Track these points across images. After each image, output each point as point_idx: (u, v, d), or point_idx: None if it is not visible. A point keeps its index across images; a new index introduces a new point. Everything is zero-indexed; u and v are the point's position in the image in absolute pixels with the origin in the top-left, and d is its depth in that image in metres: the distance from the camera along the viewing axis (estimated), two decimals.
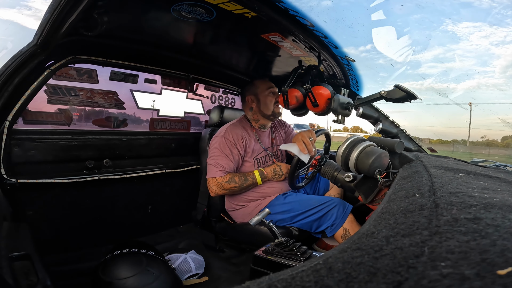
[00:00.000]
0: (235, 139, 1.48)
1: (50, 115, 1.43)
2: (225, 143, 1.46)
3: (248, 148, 1.52)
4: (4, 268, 0.65)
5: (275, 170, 1.50)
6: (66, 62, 1.28)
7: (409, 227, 0.33)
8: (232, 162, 1.45)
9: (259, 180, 1.46)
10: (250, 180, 1.45)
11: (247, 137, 1.53)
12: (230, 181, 1.41)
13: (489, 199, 0.40)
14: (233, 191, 1.45)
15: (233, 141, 1.47)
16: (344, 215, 1.34)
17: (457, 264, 0.23)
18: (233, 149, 1.46)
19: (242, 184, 1.43)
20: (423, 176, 0.61)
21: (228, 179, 1.42)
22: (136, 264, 1.12)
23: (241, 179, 1.43)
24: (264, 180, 1.48)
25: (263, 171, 1.49)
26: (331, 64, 1.41)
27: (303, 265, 0.28)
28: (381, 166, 0.94)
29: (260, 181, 1.47)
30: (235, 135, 1.49)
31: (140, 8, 1.05)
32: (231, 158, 1.45)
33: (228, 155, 1.45)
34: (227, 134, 1.48)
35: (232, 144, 1.46)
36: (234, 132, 1.50)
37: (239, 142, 1.48)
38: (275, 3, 0.94)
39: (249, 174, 1.46)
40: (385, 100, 1.20)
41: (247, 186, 1.45)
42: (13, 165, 1.26)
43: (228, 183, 1.41)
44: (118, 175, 1.57)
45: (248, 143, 1.53)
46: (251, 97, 1.59)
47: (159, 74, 1.77)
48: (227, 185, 1.41)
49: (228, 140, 1.47)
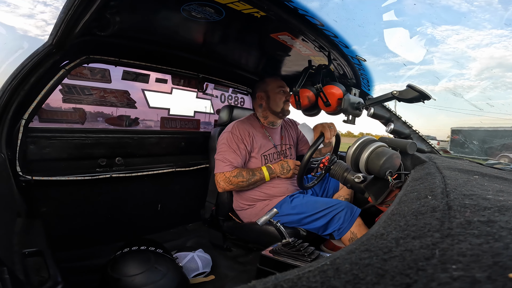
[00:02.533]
0: (241, 134, 1.49)
1: (65, 113, 1.46)
2: (232, 138, 1.47)
3: (255, 144, 1.52)
4: (17, 264, 0.67)
5: (283, 166, 1.50)
6: (80, 61, 1.32)
7: (420, 229, 0.33)
8: (239, 157, 1.46)
9: (267, 175, 1.46)
10: (258, 175, 1.44)
11: (254, 133, 1.54)
12: (238, 176, 1.41)
13: (504, 202, 0.39)
14: (241, 186, 1.44)
15: (239, 136, 1.48)
16: (352, 218, 1.32)
17: (468, 267, 0.22)
18: (240, 144, 1.47)
19: (250, 179, 1.43)
20: (436, 178, 0.60)
21: (236, 173, 1.42)
22: (145, 261, 1.13)
23: (249, 174, 1.43)
24: (272, 176, 1.48)
25: (271, 166, 1.49)
26: (341, 63, 1.39)
27: (310, 266, 0.27)
28: (392, 167, 0.92)
29: (268, 176, 1.46)
30: (241, 130, 1.50)
31: (150, 8, 1.06)
32: (238, 153, 1.46)
33: (235, 150, 1.45)
34: (234, 130, 1.50)
35: (239, 139, 1.47)
36: (241, 127, 1.51)
37: (245, 137, 1.49)
38: (284, 3, 0.93)
39: (257, 170, 1.46)
40: (397, 100, 1.17)
41: (255, 181, 1.45)
42: (29, 162, 1.30)
43: (236, 177, 1.41)
44: (129, 173, 1.60)
45: (256, 138, 1.53)
46: (261, 94, 1.60)
47: (170, 73, 1.80)
48: (234, 179, 1.41)
49: (235, 135, 1.48)
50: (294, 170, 1.51)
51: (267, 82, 1.60)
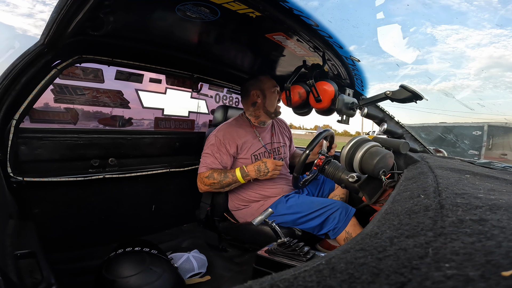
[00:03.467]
0: (225, 137, 1.48)
1: (57, 114, 1.44)
2: (214, 141, 1.48)
3: (245, 145, 1.51)
4: (9, 266, 0.66)
5: (259, 167, 1.41)
6: (73, 61, 1.30)
7: (413, 228, 0.33)
8: (217, 160, 1.45)
9: (240, 177, 1.41)
10: (230, 177, 1.42)
11: (243, 134, 1.53)
12: (209, 177, 1.42)
13: (495, 201, 0.40)
14: (214, 187, 1.44)
15: (222, 140, 1.47)
16: (347, 218, 1.32)
17: (461, 265, 0.23)
18: (221, 147, 1.47)
19: (221, 180, 1.41)
20: (428, 177, 0.61)
21: (208, 174, 1.42)
22: (139, 262, 1.12)
23: (221, 175, 1.42)
24: (246, 178, 1.41)
25: (245, 168, 1.42)
26: (335, 64, 1.40)
27: (306, 265, 0.28)
28: (386, 167, 0.93)
29: (241, 179, 1.41)
30: (227, 134, 1.49)
31: (145, 8, 1.05)
32: (217, 156, 1.46)
33: (214, 153, 1.46)
34: (218, 133, 1.50)
35: (220, 143, 1.47)
36: (227, 131, 1.51)
37: (229, 141, 1.48)
38: (280, 3, 0.94)
39: (230, 171, 1.43)
40: (390, 100, 1.19)
41: (227, 183, 1.42)
42: (20, 163, 1.27)
43: (207, 178, 1.42)
44: (123, 174, 1.58)
45: (245, 139, 1.52)
46: (256, 91, 1.56)
47: (164, 73, 1.79)
48: (207, 180, 1.42)
49: (217, 139, 1.48)
50: (274, 171, 1.41)
51: (263, 80, 1.57)
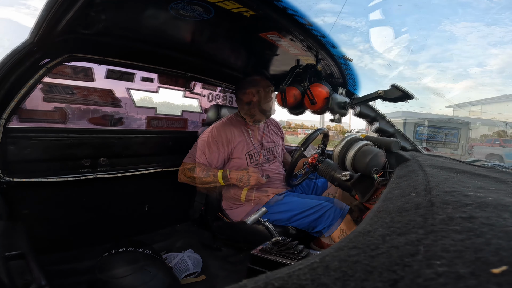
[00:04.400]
0: (219, 136, 1.48)
1: (46, 113, 1.41)
2: (207, 138, 1.48)
3: (240, 144, 1.51)
4: None
5: (242, 178, 1.40)
6: (63, 60, 1.27)
7: (405, 225, 0.34)
8: (205, 155, 1.45)
9: (221, 180, 1.41)
10: (212, 176, 1.41)
11: (237, 134, 1.52)
12: (191, 170, 1.42)
13: (484, 198, 0.41)
14: (193, 181, 1.44)
15: (216, 138, 1.48)
16: (341, 216, 1.34)
17: (452, 262, 0.23)
18: (212, 145, 1.46)
19: (202, 177, 1.41)
20: (419, 175, 0.62)
21: (191, 167, 1.43)
22: (133, 263, 1.12)
23: (203, 172, 1.41)
24: (226, 182, 1.42)
25: (227, 174, 1.42)
26: (328, 63, 1.41)
27: (300, 264, 0.28)
28: (378, 165, 0.95)
29: (221, 181, 1.41)
30: (221, 133, 1.49)
31: (138, 6, 1.04)
32: (206, 152, 1.46)
33: (204, 149, 1.46)
34: (212, 131, 1.50)
35: (213, 141, 1.47)
36: (221, 129, 1.51)
37: (222, 140, 1.48)
38: (273, 2, 0.94)
39: (213, 171, 1.43)
40: (382, 99, 1.20)
41: (208, 181, 1.41)
42: (9, 163, 1.25)
43: (189, 171, 1.42)
44: (114, 173, 1.56)
45: (239, 139, 1.52)
46: (252, 90, 1.55)
47: (156, 72, 1.76)
48: (188, 172, 1.43)
49: (210, 136, 1.48)
50: (253, 186, 1.42)
51: (258, 80, 1.58)
